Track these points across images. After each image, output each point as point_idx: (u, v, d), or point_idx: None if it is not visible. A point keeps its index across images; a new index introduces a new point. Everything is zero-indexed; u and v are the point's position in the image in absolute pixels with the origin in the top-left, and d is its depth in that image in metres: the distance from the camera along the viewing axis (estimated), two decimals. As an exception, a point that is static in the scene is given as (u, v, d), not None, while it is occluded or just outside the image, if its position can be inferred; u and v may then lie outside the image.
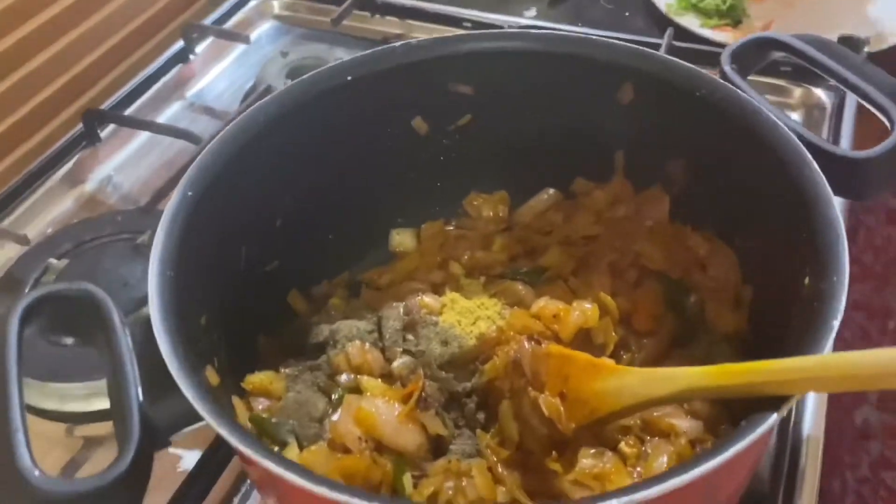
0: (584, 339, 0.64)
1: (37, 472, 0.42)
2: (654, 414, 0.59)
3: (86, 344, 0.52)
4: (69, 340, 0.80)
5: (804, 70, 0.99)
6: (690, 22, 1.16)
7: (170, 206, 0.56)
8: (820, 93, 1.01)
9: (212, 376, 0.54)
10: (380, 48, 0.68)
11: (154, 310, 0.49)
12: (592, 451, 0.57)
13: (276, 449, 0.57)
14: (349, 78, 0.67)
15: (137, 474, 0.45)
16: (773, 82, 1.02)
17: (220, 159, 0.60)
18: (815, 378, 0.41)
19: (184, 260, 0.54)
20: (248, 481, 0.71)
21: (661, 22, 1.16)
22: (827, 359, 0.41)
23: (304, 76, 0.66)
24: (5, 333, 0.47)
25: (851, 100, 0.96)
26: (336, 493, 0.39)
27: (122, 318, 0.51)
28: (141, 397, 0.47)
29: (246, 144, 0.62)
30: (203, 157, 0.60)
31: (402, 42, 0.68)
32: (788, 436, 0.68)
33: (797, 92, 1.02)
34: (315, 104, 0.66)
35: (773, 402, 0.42)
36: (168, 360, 0.46)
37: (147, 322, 0.50)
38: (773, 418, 0.41)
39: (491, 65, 0.69)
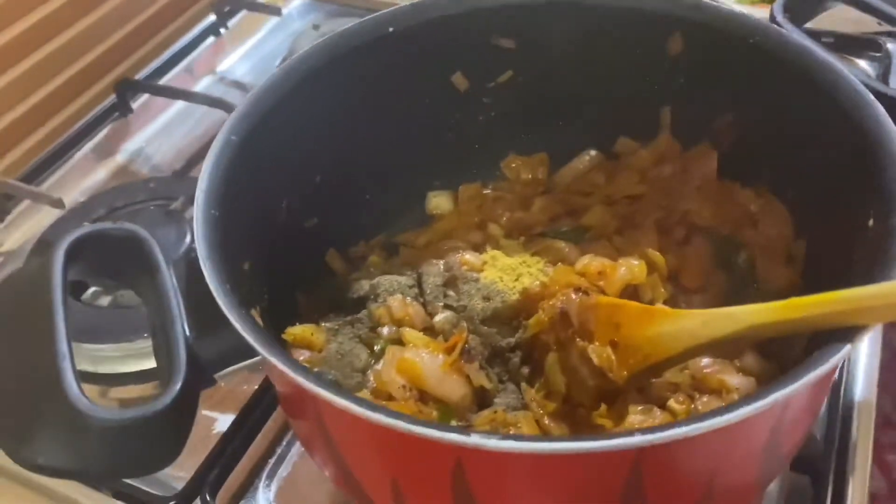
0: (631, 296, 0.62)
1: (84, 400, 0.41)
2: (705, 371, 0.57)
3: (129, 285, 0.51)
4: (105, 301, 0.81)
5: (846, 41, 0.99)
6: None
7: (213, 148, 0.55)
8: (864, 64, 0.99)
9: (257, 319, 0.53)
10: (422, 0, 0.67)
11: (200, 244, 0.48)
12: (640, 407, 0.56)
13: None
14: (391, 29, 0.66)
15: (183, 409, 0.44)
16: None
17: (261, 108, 0.60)
18: (891, 304, 0.39)
19: (228, 202, 0.53)
20: (285, 442, 0.70)
21: None
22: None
23: (346, 27, 0.65)
24: (51, 267, 0.46)
25: (896, 68, 0.94)
26: (396, 420, 0.38)
27: (166, 257, 0.50)
28: (188, 331, 0.46)
29: (287, 94, 0.61)
30: (244, 105, 0.59)
31: (445, -6, 0.67)
32: (840, 400, 0.66)
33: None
34: (356, 56, 0.65)
35: (844, 333, 0.40)
36: (215, 291, 0.45)
37: (189, 264, 0.49)
38: (847, 348, 0.39)
39: (535, 17, 0.67)
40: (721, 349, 0.53)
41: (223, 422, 0.71)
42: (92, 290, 0.81)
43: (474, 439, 0.37)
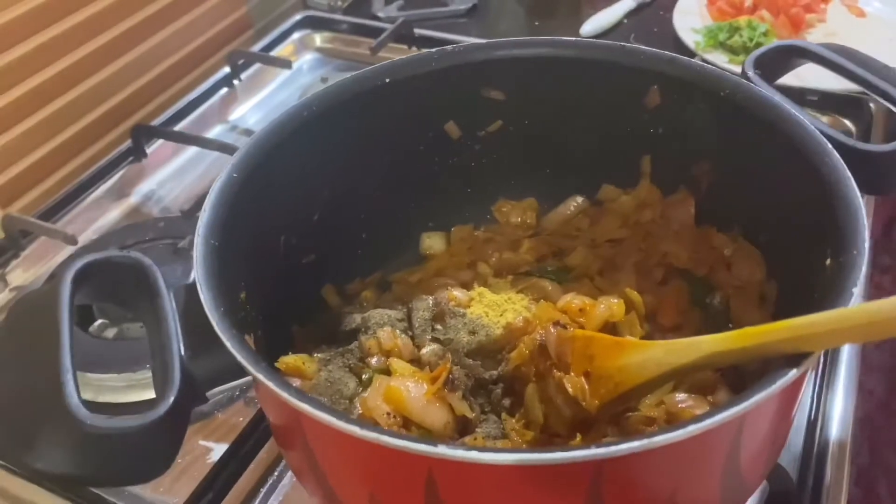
0: (610, 334, 0.65)
1: (82, 409, 0.44)
2: (679, 406, 0.59)
3: (132, 308, 0.55)
4: (111, 333, 0.84)
5: (831, 99, 1.04)
6: (718, 59, 1.19)
7: (216, 183, 0.59)
8: (847, 122, 1.03)
9: (249, 343, 0.56)
10: (417, 53, 0.72)
11: (199, 269, 0.51)
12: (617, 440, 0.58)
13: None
14: (387, 80, 0.70)
15: (175, 421, 0.47)
16: (799, 111, 1.04)
17: (263, 148, 0.64)
18: (833, 330, 0.41)
19: (227, 234, 0.57)
20: (277, 473, 0.72)
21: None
22: (844, 311, 0.42)
23: (346, 77, 0.70)
24: (60, 289, 0.50)
25: (877, 126, 0.98)
26: (368, 431, 0.40)
27: (169, 286, 0.53)
28: (182, 351, 0.49)
29: (288, 137, 0.65)
30: (248, 144, 0.63)
31: (438, 48, 0.71)
32: (815, 441, 0.68)
33: (824, 120, 1.04)
34: (354, 104, 0.69)
35: (793, 360, 0.43)
36: (210, 312, 0.48)
37: (189, 291, 0.53)
38: (793, 373, 0.42)
39: (522, 71, 0.72)
40: (687, 377, 0.55)
41: (218, 451, 0.74)
42: (98, 322, 0.84)
43: (441, 449, 0.39)
